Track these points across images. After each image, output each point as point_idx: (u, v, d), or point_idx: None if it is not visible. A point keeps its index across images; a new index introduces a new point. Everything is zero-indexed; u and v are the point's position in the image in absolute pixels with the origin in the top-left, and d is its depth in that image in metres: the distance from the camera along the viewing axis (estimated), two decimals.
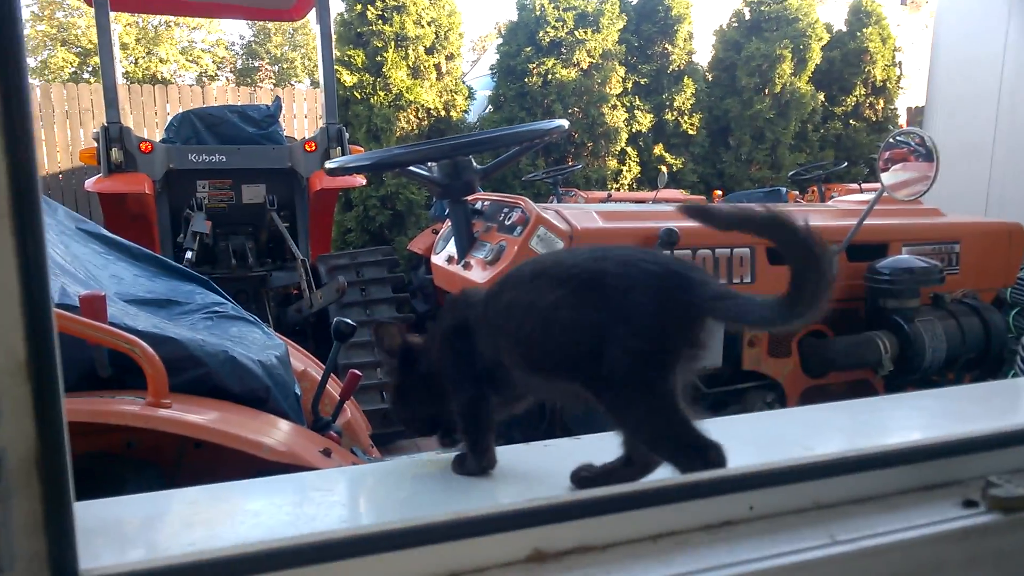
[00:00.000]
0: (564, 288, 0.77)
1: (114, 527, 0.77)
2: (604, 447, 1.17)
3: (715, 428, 1.25)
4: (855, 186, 7.49)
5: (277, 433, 1.59)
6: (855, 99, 10.41)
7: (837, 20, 10.48)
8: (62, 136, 9.12)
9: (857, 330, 2.51)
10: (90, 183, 4.22)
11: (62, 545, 0.52)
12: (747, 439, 1.19)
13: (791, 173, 7.76)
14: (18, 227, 0.49)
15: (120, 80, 12.54)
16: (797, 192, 7.40)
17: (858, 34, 10.20)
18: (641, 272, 0.75)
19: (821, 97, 10.02)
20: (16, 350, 0.50)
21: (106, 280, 1.93)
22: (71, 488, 0.54)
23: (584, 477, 0.87)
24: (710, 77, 9.88)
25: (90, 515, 0.79)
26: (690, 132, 9.33)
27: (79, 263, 1.90)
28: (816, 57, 9.66)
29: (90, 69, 14.03)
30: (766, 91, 9.49)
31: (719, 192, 8.34)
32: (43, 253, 0.51)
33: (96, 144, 4.22)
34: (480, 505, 0.65)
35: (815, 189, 7.22)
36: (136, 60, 13.84)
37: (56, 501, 0.52)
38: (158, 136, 4.85)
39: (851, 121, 10.45)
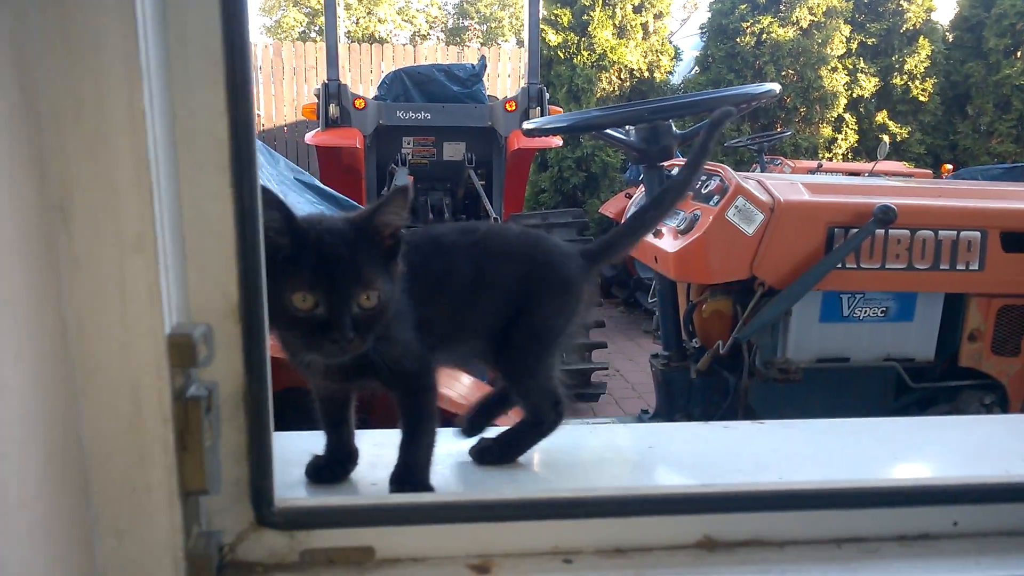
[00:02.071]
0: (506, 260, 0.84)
1: (285, 463, 0.83)
2: (788, 435, 1.11)
3: (924, 428, 1.14)
4: None
5: (458, 386, 1.66)
6: None
7: None
8: (289, 91, 9.94)
9: None
10: (309, 136, 4.57)
11: (261, 474, 0.57)
12: (957, 445, 1.08)
13: None
14: (236, 180, 0.53)
15: (343, 40, 13.45)
16: None
17: None
18: (559, 249, 0.87)
19: None
20: (230, 295, 0.55)
21: None
22: (271, 421, 0.59)
23: (483, 449, 0.88)
24: (950, 37, 8.86)
25: (287, 446, 0.86)
26: (921, 99, 8.45)
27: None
28: None
29: (317, 28, 15.14)
30: (1018, 54, 8.36)
31: (949, 166, 7.52)
32: (257, 208, 0.55)
33: (317, 100, 4.55)
34: (652, 484, 0.64)
35: None
36: (357, 20, 14.72)
37: (258, 433, 0.57)
38: (371, 93, 5.15)
39: None
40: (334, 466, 0.84)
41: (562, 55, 7.40)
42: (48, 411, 0.46)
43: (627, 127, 2.12)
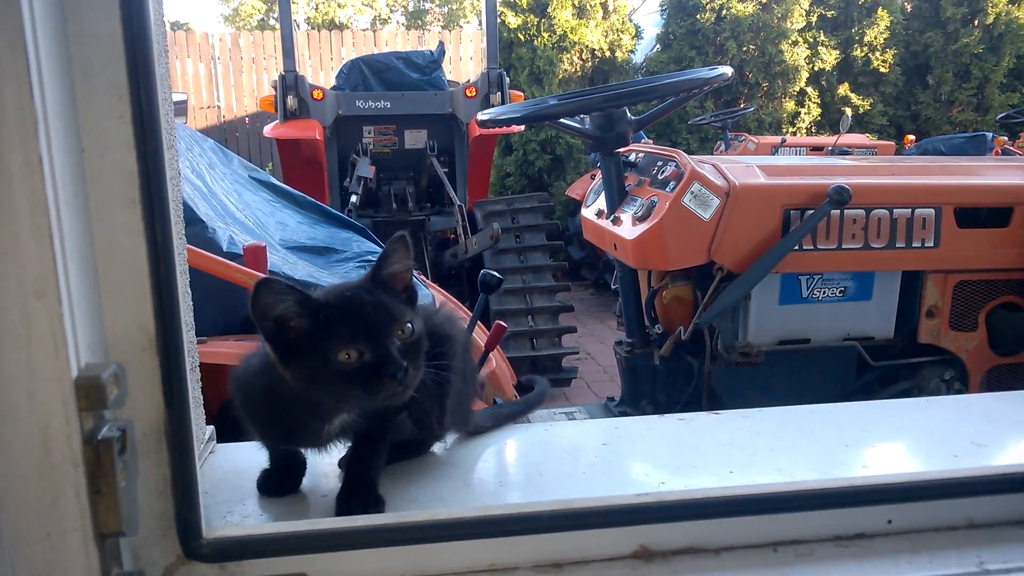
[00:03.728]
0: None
1: (238, 476, 0.82)
2: (743, 426, 1.11)
3: (878, 413, 1.16)
4: None
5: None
6: None
7: None
8: (249, 81, 9.78)
9: None
10: (268, 129, 4.51)
11: (187, 506, 0.56)
12: (907, 428, 1.09)
13: (1000, 116, 6.95)
14: (147, 213, 0.51)
15: (303, 27, 13.27)
16: (1006, 138, 6.60)
17: None
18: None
19: None
20: (147, 328, 0.54)
21: (272, 227, 2.07)
22: (195, 454, 0.58)
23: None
24: (908, 8, 8.94)
25: (240, 457, 0.86)
26: (882, 70, 8.52)
27: (250, 211, 2.04)
28: None
29: (275, 15, 14.87)
30: (975, 22, 8.46)
31: (911, 137, 7.62)
32: (169, 235, 0.53)
33: (274, 92, 4.48)
34: (587, 495, 0.64)
35: None
36: (316, 6, 14.50)
37: (182, 466, 0.56)
38: (333, 80, 5.09)
39: None
40: (287, 476, 0.84)
41: (522, 37, 7.35)
42: None
43: (581, 115, 2.11)
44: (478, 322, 2.03)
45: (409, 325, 0.70)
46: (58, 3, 0.49)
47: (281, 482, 0.83)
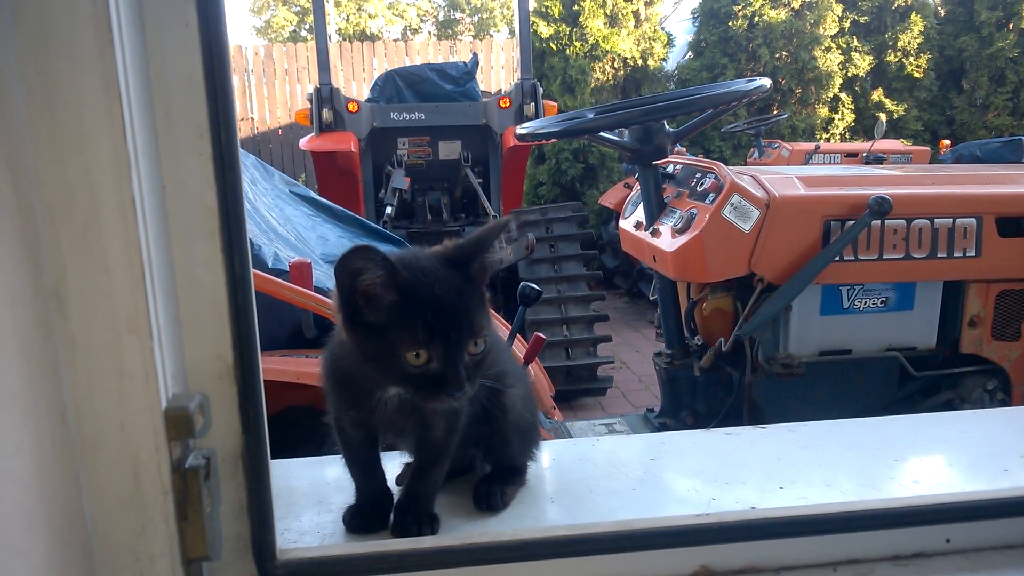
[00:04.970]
0: None
1: (291, 492, 0.84)
2: (790, 440, 1.11)
3: (924, 426, 1.15)
4: None
5: None
6: None
7: None
8: (282, 93, 9.90)
9: None
10: (303, 142, 4.57)
11: (262, 528, 0.58)
12: (955, 441, 1.09)
13: None
14: (226, 247, 0.54)
15: (334, 38, 13.46)
16: None
17: None
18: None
19: None
20: (225, 357, 0.56)
21: (314, 241, 2.11)
22: (270, 477, 0.60)
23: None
24: (942, 12, 8.81)
25: (292, 474, 0.88)
26: (916, 75, 8.41)
27: (291, 226, 2.08)
28: None
29: (307, 27, 15.09)
30: (1010, 26, 8.31)
31: (947, 141, 7.49)
32: (247, 266, 0.55)
33: (310, 105, 4.55)
34: (644, 515, 0.65)
35: None
36: (348, 17, 14.67)
37: (258, 489, 0.58)
38: (365, 91, 5.15)
39: None
40: (375, 513, 0.79)
41: (554, 47, 7.37)
42: (50, 491, 0.47)
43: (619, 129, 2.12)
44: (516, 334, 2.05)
45: (483, 338, 0.66)
46: (142, 44, 0.51)
47: (371, 518, 0.78)
